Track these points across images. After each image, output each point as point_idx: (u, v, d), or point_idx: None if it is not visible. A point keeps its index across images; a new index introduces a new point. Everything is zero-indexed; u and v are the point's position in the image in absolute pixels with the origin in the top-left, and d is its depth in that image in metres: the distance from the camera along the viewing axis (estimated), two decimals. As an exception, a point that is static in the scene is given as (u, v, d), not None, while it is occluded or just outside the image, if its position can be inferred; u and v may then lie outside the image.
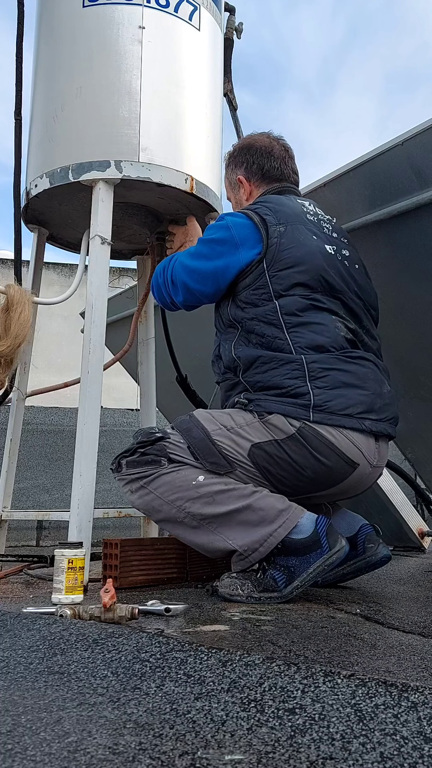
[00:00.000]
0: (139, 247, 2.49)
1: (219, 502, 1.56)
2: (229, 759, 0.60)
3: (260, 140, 1.98)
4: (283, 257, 1.70)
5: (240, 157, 1.98)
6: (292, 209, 1.82)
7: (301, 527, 1.53)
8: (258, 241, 1.73)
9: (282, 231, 1.73)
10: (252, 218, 1.75)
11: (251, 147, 1.97)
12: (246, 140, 2.02)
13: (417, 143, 1.82)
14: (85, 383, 1.87)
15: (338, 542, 1.53)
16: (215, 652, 0.91)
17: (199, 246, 1.82)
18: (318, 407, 1.59)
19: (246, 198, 1.97)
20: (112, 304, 2.62)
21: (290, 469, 1.61)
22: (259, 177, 1.95)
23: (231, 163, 2.02)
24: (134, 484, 1.64)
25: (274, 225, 1.73)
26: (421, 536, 2.93)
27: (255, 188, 1.96)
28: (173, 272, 1.83)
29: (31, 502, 5.18)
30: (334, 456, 1.60)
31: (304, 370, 1.61)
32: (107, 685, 0.83)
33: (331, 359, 1.64)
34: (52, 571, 1.91)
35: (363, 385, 1.65)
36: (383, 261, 2.12)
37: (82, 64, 2.00)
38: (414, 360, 2.32)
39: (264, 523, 1.54)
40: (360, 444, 1.62)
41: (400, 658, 1.00)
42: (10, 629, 1.13)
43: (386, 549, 1.76)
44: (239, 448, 1.61)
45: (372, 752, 0.61)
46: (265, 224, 1.73)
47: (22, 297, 1.96)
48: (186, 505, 1.57)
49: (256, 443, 1.61)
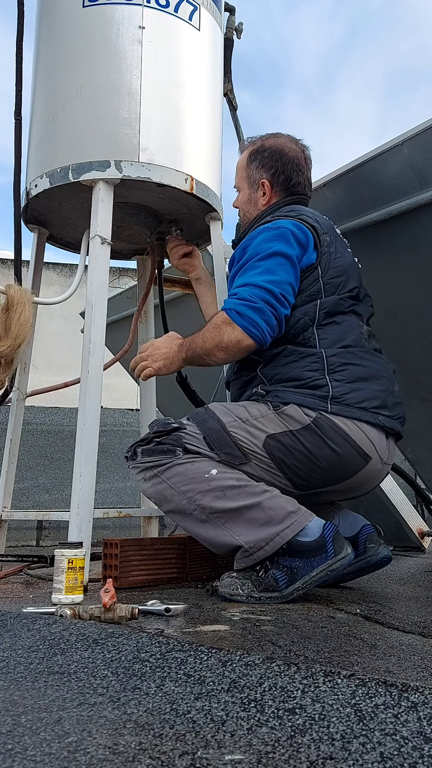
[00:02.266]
0: (139, 247, 2.49)
1: (229, 497, 1.57)
2: (229, 759, 0.60)
3: (292, 149, 1.95)
4: (334, 265, 1.75)
5: (270, 160, 1.94)
6: (326, 221, 1.85)
7: (308, 530, 1.54)
8: (314, 247, 1.75)
9: (329, 240, 1.77)
10: (304, 223, 1.74)
11: (283, 154, 1.94)
12: (278, 142, 1.96)
13: (417, 143, 1.83)
14: (85, 383, 1.87)
15: (344, 549, 1.54)
16: (215, 652, 0.91)
17: (263, 262, 1.70)
18: (335, 399, 1.63)
19: (264, 202, 1.94)
20: (112, 304, 2.62)
21: (305, 460, 1.63)
22: (283, 188, 1.93)
23: (258, 160, 1.96)
24: (148, 473, 1.65)
25: (322, 233, 1.76)
26: (421, 536, 2.93)
27: (274, 196, 1.94)
28: (254, 298, 1.66)
29: (31, 502, 5.18)
30: (348, 446, 1.62)
31: (323, 363, 1.66)
32: (107, 685, 0.83)
33: (349, 355, 1.69)
34: (52, 571, 1.91)
35: (378, 380, 1.70)
36: (383, 261, 2.12)
37: (82, 64, 2.00)
38: (414, 360, 2.32)
39: (272, 522, 1.54)
40: (373, 437, 1.65)
41: (400, 658, 1.00)
42: (10, 629, 1.13)
43: (387, 550, 1.76)
44: (255, 439, 1.63)
45: (372, 752, 0.61)
46: (316, 232, 1.75)
47: (23, 297, 1.96)
48: (197, 497, 1.58)
49: (271, 434, 1.63)
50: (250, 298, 1.65)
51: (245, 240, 1.81)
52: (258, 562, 1.58)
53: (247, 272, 1.72)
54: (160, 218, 2.26)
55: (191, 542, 1.85)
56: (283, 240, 1.71)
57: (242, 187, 2.00)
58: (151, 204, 2.17)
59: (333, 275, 1.74)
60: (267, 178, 1.94)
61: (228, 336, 1.67)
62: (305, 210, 1.85)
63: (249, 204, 1.98)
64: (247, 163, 1.98)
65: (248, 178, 1.98)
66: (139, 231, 2.32)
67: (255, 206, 1.96)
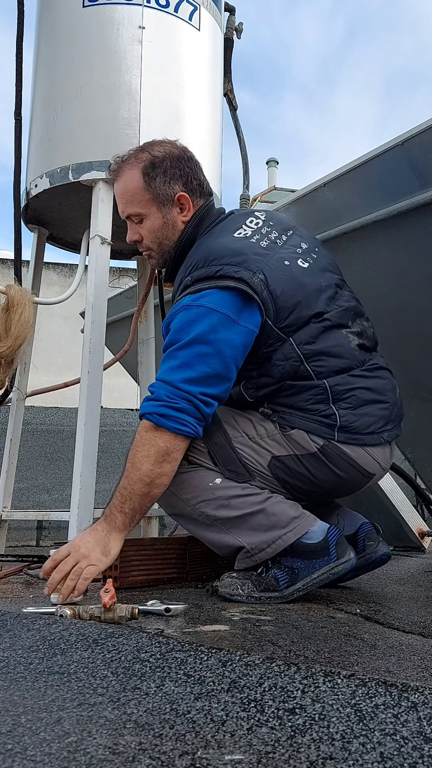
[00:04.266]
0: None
1: (233, 506, 1.56)
2: (229, 759, 0.60)
3: (180, 149, 1.73)
4: (281, 305, 1.54)
5: (175, 169, 1.68)
6: (250, 245, 1.58)
7: (311, 534, 1.54)
8: (250, 304, 1.51)
9: (263, 279, 1.52)
10: (227, 287, 1.49)
11: (181, 157, 1.70)
12: (165, 149, 1.71)
13: (417, 143, 1.83)
14: (85, 383, 1.87)
15: (347, 553, 1.54)
16: (215, 652, 0.91)
17: (181, 352, 1.48)
18: (344, 428, 1.57)
19: (182, 220, 1.69)
20: (112, 304, 2.62)
21: (308, 482, 1.62)
22: (198, 193, 1.71)
23: (160, 174, 1.66)
24: None
25: (250, 278, 1.50)
26: (421, 536, 2.93)
27: (193, 207, 1.70)
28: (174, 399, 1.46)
29: (31, 502, 5.18)
30: (353, 470, 1.61)
31: (327, 393, 1.58)
32: (107, 685, 0.83)
33: (352, 378, 1.60)
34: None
35: (383, 398, 1.64)
36: (383, 261, 2.12)
37: (81, 64, 2.00)
38: (414, 360, 2.32)
39: (275, 527, 1.54)
40: (378, 456, 1.64)
41: (400, 658, 1.00)
42: (10, 629, 1.13)
43: (386, 547, 1.76)
44: (260, 458, 1.60)
45: (372, 752, 0.61)
46: (245, 282, 1.49)
47: (23, 297, 1.96)
48: (200, 505, 1.57)
49: (277, 456, 1.60)
50: (168, 399, 1.45)
51: (169, 314, 1.58)
52: (259, 563, 1.58)
53: (166, 362, 1.51)
54: (160, 218, 2.26)
55: (191, 542, 1.85)
56: (205, 322, 1.48)
57: (148, 213, 1.69)
58: (151, 204, 2.17)
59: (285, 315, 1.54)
60: (181, 190, 1.68)
61: (161, 442, 1.45)
62: (225, 249, 1.55)
63: (166, 228, 1.70)
64: (145, 184, 1.66)
65: (155, 200, 1.67)
66: (139, 231, 2.32)
67: (174, 228, 1.70)
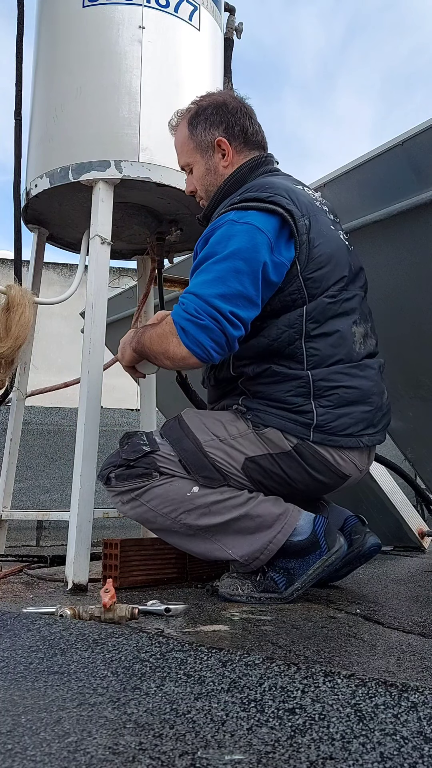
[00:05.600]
0: (139, 247, 2.49)
1: (215, 513, 1.53)
2: (229, 759, 0.60)
3: (233, 99, 1.73)
4: (315, 255, 1.52)
5: (216, 115, 1.68)
6: (304, 195, 1.59)
7: (299, 529, 1.52)
8: (289, 239, 1.51)
9: (308, 225, 1.52)
10: (278, 208, 1.49)
11: (227, 105, 1.69)
12: (215, 98, 1.72)
13: (417, 143, 1.83)
14: (85, 383, 1.87)
15: (337, 542, 1.52)
16: (215, 652, 0.91)
17: (218, 266, 1.47)
18: (319, 428, 1.52)
19: (225, 165, 1.68)
20: (112, 304, 2.62)
21: (283, 483, 1.58)
22: (242, 141, 1.68)
23: (201, 122, 1.69)
24: (125, 496, 1.59)
25: (299, 217, 1.51)
26: (421, 536, 2.93)
27: (236, 154, 1.69)
28: (200, 314, 1.45)
29: (31, 502, 5.18)
30: (329, 472, 1.57)
31: (309, 387, 1.52)
32: (107, 685, 0.83)
33: (339, 375, 1.54)
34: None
35: (367, 400, 1.57)
36: (383, 261, 2.12)
37: (81, 64, 2.00)
38: (414, 360, 2.31)
39: (262, 529, 1.52)
40: (355, 459, 1.59)
41: (400, 658, 1.00)
42: (10, 629, 1.13)
43: (375, 538, 1.72)
44: (233, 461, 1.55)
45: (372, 752, 0.61)
46: (293, 217, 1.49)
47: (23, 298, 1.96)
48: (181, 516, 1.54)
49: (251, 456, 1.55)
50: (195, 313, 1.45)
51: (209, 227, 1.58)
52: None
53: (199, 275, 1.50)
54: (160, 218, 2.26)
55: (191, 542, 1.84)
56: (246, 238, 1.46)
57: (194, 161, 1.72)
58: (151, 204, 2.17)
59: (314, 268, 1.52)
60: (221, 135, 1.67)
61: (174, 349, 1.50)
62: (280, 186, 1.55)
63: (209, 175, 1.70)
64: (189, 133, 1.70)
65: (198, 147, 1.70)
66: (139, 231, 2.32)
67: (216, 174, 1.70)
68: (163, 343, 1.53)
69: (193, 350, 1.47)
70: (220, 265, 1.47)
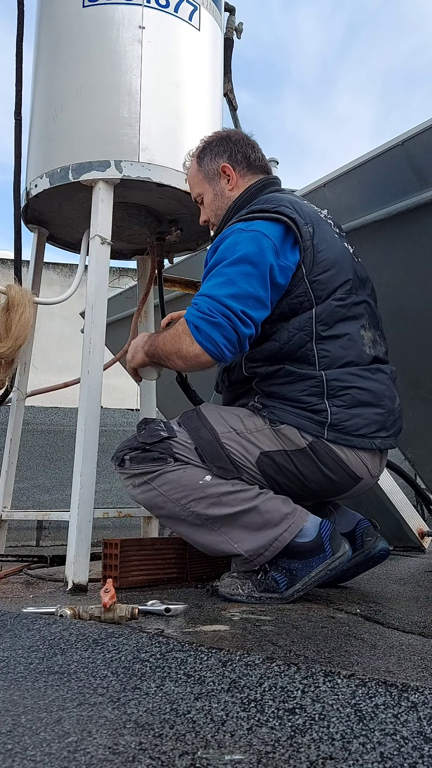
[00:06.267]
0: (139, 247, 2.49)
1: (225, 504, 1.54)
2: (229, 759, 0.60)
3: (235, 132, 1.88)
4: (320, 260, 1.60)
5: (219, 146, 1.81)
6: (308, 207, 1.69)
7: (305, 531, 1.53)
8: (294, 245, 1.59)
9: (311, 231, 1.61)
10: (282, 217, 1.58)
11: (229, 137, 1.83)
12: (219, 133, 1.88)
13: (417, 143, 1.83)
14: (85, 383, 1.87)
15: (341, 547, 1.53)
16: (215, 652, 0.91)
17: (228, 269, 1.55)
18: (333, 426, 1.56)
19: (230, 188, 1.79)
20: (112, 304, 2.62)
21: (296, 480, 1.60)
22: (245, 166, 1.80)
23: (207, 154, 1.82)
24: (137, 479, 1.60)
25: (303, 225, 1.60)
26: (421, 536, 2.93)
27: (241, 178, 1.79)
28: (213, 313, 1.52)
29: (31, 502, 5.18)
30: (342, 472, 1.60)
31: (323, 387, 1.56)
32: (107, 685, 0.83)
33: (351, 376, 1.58)
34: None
35: (379, 403, 1.61)
36: (383, 261, 2.12)
37: (81, 64, 2.00)
38: (414, 360, 2.31)
39: (268, 526, 1.53)
40: (367, 461, 1.62)
41: (400, 658, 1.00)
42: (10, 629, 1.13)
43: (384, 543, 1.75)
44: (248, 454, 1.58)
45: (372, 752, 0.61)
46: (296, 225, 1.58)
47: (23, 298, 1.96)
48: (191, 504, 1.55)
49: (266, 451, 1.58)
50: (209, 312, 1.52)
51: (218, 238, 1.66)
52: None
53: (211, 279, 1.58)
54: (160, 218, 2.26)
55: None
56: (253, 244, 1.55)
57: (204, 191, 1.84)
58: (151, 204, 2.17)
59: (319, 271, 1.59)
60: (225, 162, 1.79)
61: (187, 348, 1.55)
62: (284, 198, 1.66)
63: (217, 199, 1.81)
64: (198, 166, 1.84)
65: (206, 177, 1.82)
66: (139, 231, 2.32)
67: (224, 198, 1.80)
68: (176, 342, 1.58)
69: (206, 347, 1.53)
70: (230, 269, 1.55)
